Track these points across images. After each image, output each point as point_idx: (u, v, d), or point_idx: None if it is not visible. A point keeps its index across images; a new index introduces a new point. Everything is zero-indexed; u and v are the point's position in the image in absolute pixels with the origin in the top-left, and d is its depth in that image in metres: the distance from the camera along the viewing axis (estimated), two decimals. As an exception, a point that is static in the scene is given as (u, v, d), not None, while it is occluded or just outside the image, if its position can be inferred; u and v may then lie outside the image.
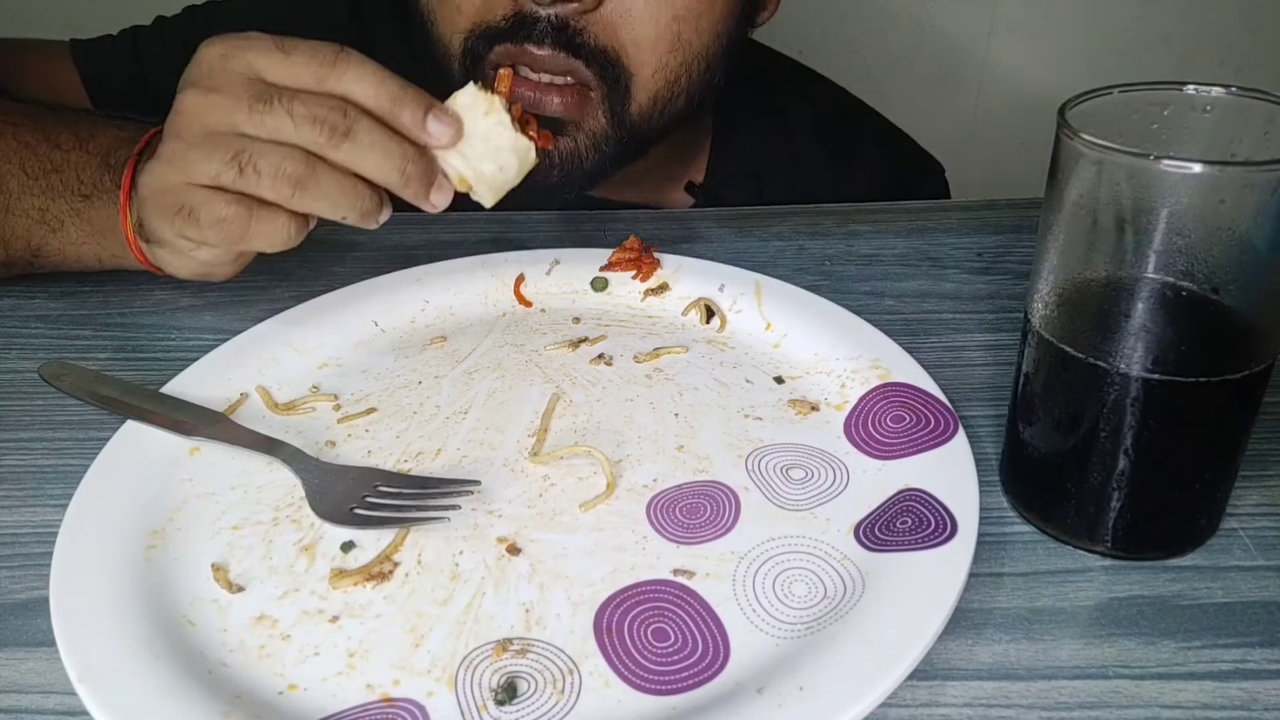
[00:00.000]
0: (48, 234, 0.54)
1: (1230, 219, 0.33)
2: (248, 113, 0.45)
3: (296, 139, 0.45)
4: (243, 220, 0.46)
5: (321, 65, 0.45)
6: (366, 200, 0.47)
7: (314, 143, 0.45)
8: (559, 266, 0.59)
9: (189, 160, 0.45)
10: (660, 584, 0.38)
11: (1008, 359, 0.52)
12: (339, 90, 0.45)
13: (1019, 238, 0.66)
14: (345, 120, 0.45)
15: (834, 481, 0.43)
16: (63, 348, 0.55)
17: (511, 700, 0.34)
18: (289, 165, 0.45)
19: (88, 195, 0.53)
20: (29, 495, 0.44)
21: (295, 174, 0.45)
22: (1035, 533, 0.42)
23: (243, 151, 0.44)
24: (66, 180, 0.53)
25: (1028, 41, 1.41)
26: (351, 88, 0.45)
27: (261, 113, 0.44)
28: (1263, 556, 0.40)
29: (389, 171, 0.46)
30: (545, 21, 0.57)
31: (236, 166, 0.44)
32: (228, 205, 0.45)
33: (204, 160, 0.45)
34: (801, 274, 0.61)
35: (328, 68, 0.45)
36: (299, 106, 0.44)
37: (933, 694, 0.35)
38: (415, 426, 0.47)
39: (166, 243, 0.48)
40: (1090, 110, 0.37)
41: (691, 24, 0.60)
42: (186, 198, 0.45)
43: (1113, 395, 0.37)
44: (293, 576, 0.39)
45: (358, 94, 0.45)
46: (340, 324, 0.54)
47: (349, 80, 0.45)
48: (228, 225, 0.45)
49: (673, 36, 0.60)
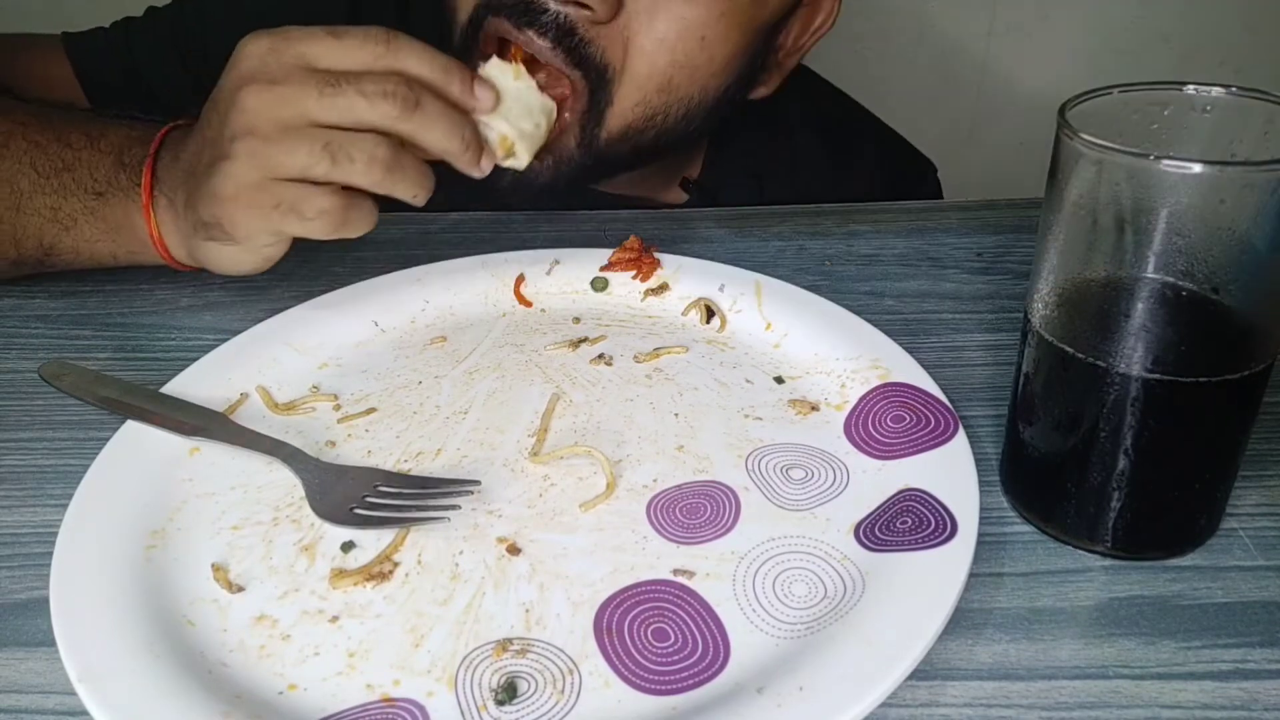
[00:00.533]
0: (60, 232, 0.54)
1: (1230, 219, 0.33)
2: (318, 99, 0.45)
3: (372, 116, 0.45)
4: (342, 209, 0.47)
5: (377, 44, 0.46)
6: (430, 178, 0.49)
7: (389, 116, 0.45)
8: (559, 266, 0.59)
9: (271, 155, 0.45)
10: (660, 584, 0.38)
11: (1008, 359, 0.52)
12: (397, 67, 0.46)
13: (1019, 238, 0.66)
14: (412, 93, 0.46)
15: (834, 481, 0.43)
16: (63, 348, 0.55)
17: (511, 700, 0.34)
18: (380, 150, 0.46)
19: (101, 193, 0.53)
20: (29, 495, 0.44)
21: (386, 159, 0.46)
22: (1035, 533, 0.42)
23: (331, 142, 0.45)
24: (79, 178, 0.53)
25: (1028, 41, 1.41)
26: (407, 62, 0.46)
27: (332, 96, 0.45)
28: (1263, 556, 0.40)
29: (453, 139, 0.47)
30: (552, 16, 0.57)
31: (329, 157, 0.45)
32: (329, 197, 0.46)
33: (289, 154, 0.45)
34: (801, 274, 0.61)
35: (383, 45, 0.46)
36: (368, 85, 0.45)
37: (933, 694, 0.35)
38: (415, 426, 0.47)
39: (250, 240, 0.48)
40: (1090, 110, 0.37)
41: (687, 73, 0.61)
42: (281, 194, 0.46)
43: (1113, 395, 0.37)
44: (293, 576, 0.39)
45: (413, 68, 0.46)
46: (340, 324, 0.54)
47: (404, 56, 0.46)
48: (330, 216, 0.46)
49: (665, 80, 0.61)
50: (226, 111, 0.46)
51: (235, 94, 0.46)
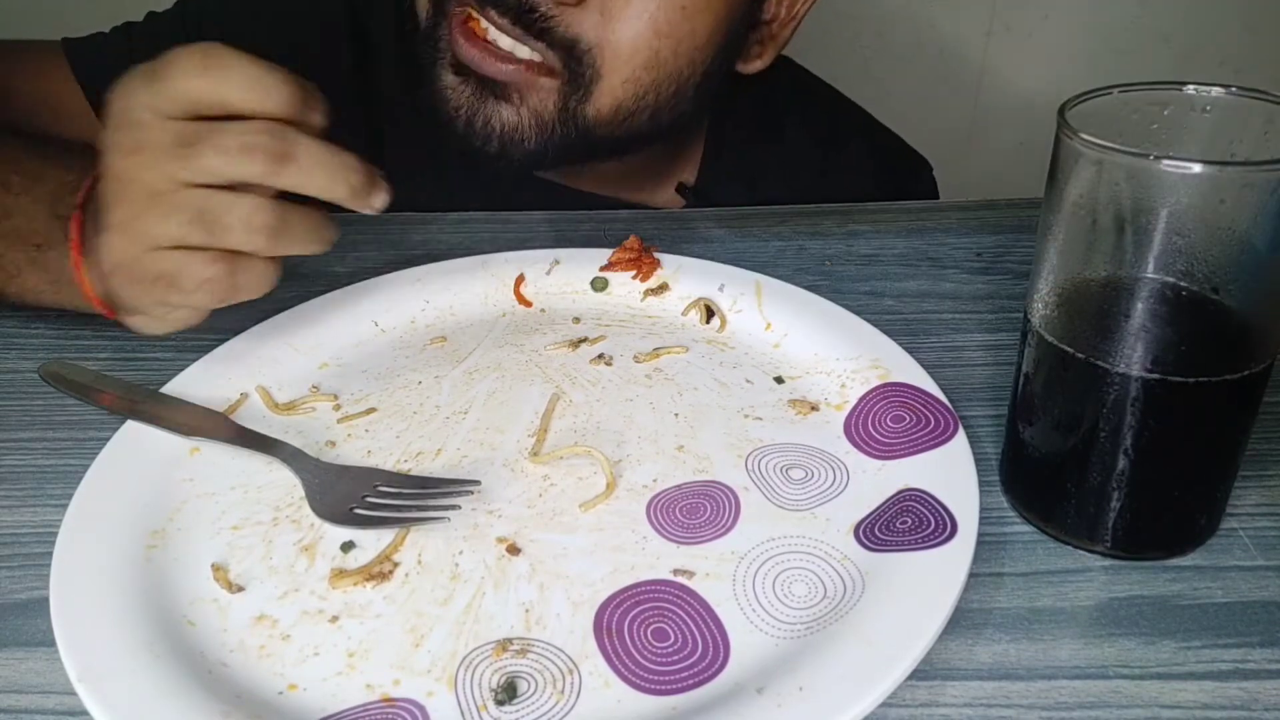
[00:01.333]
0: (6, 280, 0.51)
1: (1230, 219, 0.33)
2: (178, 161, 0.41)
3: (236, 174, 0.42)
4: (227, 276, 0.43)
5: (191, 74, 0.41)
6: (327, 227, 0.46)
7: (255, 174, 0.42)
8: (559, 266, 0.59)
9: (144, 227, 0.42)
10: (660, 584, 0.38)
11: (1008, 359, 0.52)
12: (220, 100, 0.42)
13: (1019, 238, 0.66)
14: (278, 141, 0.42)
15: (834, 481, 0.43)
16: (63, 348, 0.55)
17: (511, 700, 0.34)
18: (259, 216, 0.42)
19: (40, 245, 0.50)
20: (29, 495, 0.44)
21: (266, 223, 0.42)
22: (1035, 533, 0.42)
23: (206, 209, 0.42)
24: (18, 227, 0.50)
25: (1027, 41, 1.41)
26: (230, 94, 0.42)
27: (190, 158, 0.41)
28: (1263, 556, 0.40)
29: (338, 185, 0.44)
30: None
31: (203, 227, 0.42)
32: (208, 265, 0.43)
33: (160, 224, 0.42)
34: (801, 274, 0.62)
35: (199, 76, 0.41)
36: (227, 138, 0.41)
37: (933, 694, 0.35)
38: (415, 426, 0.47)
39: (144, 311, 0.46)
40: (1090, 110, 0.37)
41: (672, 44, 0.60)
42: (159, 264, 0.43)
43: (1113, 395, 0.37)
44: (293, 576, 0.39)
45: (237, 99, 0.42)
46: (340, 324, 0.54)
47: (226, 87, 0.42)
48: (213, 285, 0.43)
49: (651, 53, 0.60)
50: (103, 176, 0.44)
51: (106, 158, 0.43)
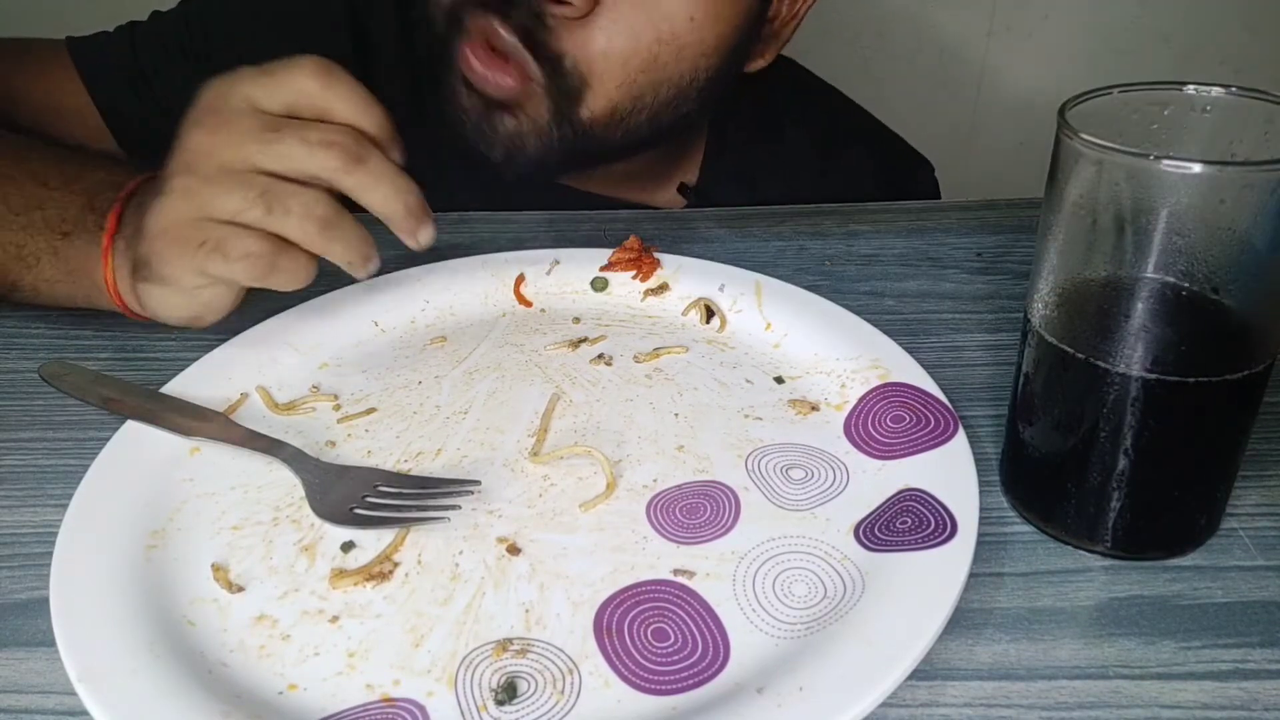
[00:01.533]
0: (23, 270, 0.53)
1: (1230, 219, 0.33)
2: (259, 143, 0.44)
3: (311, 165, 0.45)
4: (270, 256, 0.45)
5: (309, 79, 0.45)
6: (371, 248, 0.48)
7: (328, 167, 0.45)
8: (559, 266, 0.59)
9: (207, 196, 0.45)
10: (660, 584, 0.38)
11: (1008, 359, 0.52)
12: (326, 108, 0.45)
13: (1019, 238, 0.66)
14: (358, 147, 0.45)
15: (834, 481, 0.43)
16: (63, 348, 0.55)
17: (511, 700, 0.34)
18: (319, 207, 0.45)
19: (67, 233, 0.52)
20: (29, 495, 0.44)
21: (324, 216, 0.45)
22: (1035, 533, 0.42)
23: (269, 190, 0.44)
24: (48, 218, 0.52)
25: (1027, 41, 1.41)
26: (337, 106, 0.46)
27: (273, 142, 0.44)
28: (1263, 556, 0.40)
29: (394, 203, 0.47)
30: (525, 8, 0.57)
31: (264, 204, 0.44)
32: (257, 241, 0.45)
33: (224, 196, 0.44)
34: (801, 274, 0.62)
35: (316, 82, 0.45)
36: (312, 133, 0.45)
37: (933, 694, 0.35)
38: (415, 426, 0.47)
39: (176, 280, 0.47)
40: (1090, 110, 0.37)
41: (674, 50, 0.60)
42: (209, 232, 0.45)
43: (1113, 395, 0.37)
44: (293, 576, 0.39)
45: (342, 112, 0.46)
46: (340, 324, 0.54)
47: (335, 98, 0.45)
48: (255, 261, 0.45)
49: (650, 58, 0.59)
50: (174, 152, 0.46)
51: (184, 135, 0.46)
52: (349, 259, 0.47)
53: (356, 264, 0.47)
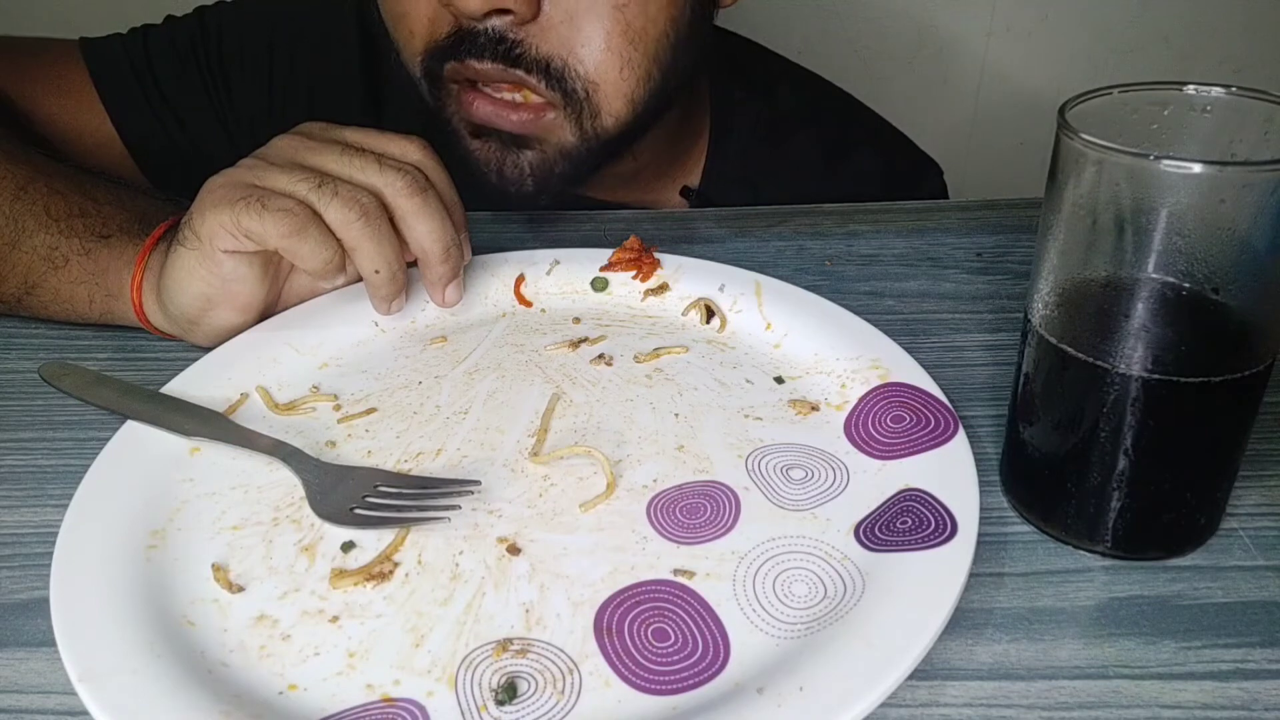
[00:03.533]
0: (49, 271, 0.53)
1: (1230, 219, 0.33)
2: (339, 154, 0.49)
3: (378, 179, 0.49)
4: (304, 219, 0.47)
5: (415, 149, 0.52)
6: (401, 267, 0.51)
7: (395, 185, 0.49)
8: (559, 266, 0.59)
9: (270, 170, 0.49)
10: (660, 584, 0.38)
11: (1008, 359, 0.52)
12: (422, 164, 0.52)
13: (1019, 238, 0.66)
14: (427, 182, 0.50)
15: (834, 481, 0.43)
16: (63, 348, 0.56)
17: (511, 700, 0.34)
18: (364, 197, 0.48)
19: (108, 236, 0.54)
20: (29, 495, 0.44)
21: (368, 207, 0.48)
22: (1035, 533, 0.42)
23: (325, 178, 0.48)
24: (90, 224, 0.54)
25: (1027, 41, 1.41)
26: (434, 175, 0.52)
27: (351, 155, 0.49)
28: (1263, 556, 0.40)
29: (438, 239, 0.51)
30: (484, 35, 0.56)
31: (314, 183, 0.48)
32: (296, 203, 0.48)
33: (284, 175, 0.48)
34: (801, 274, 0.62)
35: (420, 153, 0.52)
36: (389, 158, 0.50)
37: (933, 694, 0.35)
38: (415, 426, 0.47)
39: (208, 237, 0.48)
40: (1090, 110, 0.37)
41: (638, 9, 0.57)
42: (256, 191, 0.48)
43: (1113, 395, 0.37)
44: (293, 576, 0.39)
45: (437, 179, 0.52)
46: (340, 324, 0.54)
47: (431, 169, 0.52)
48: (288, 217, 0.47)
49: (623, 26, 0.57)
50: (256, 152, 0.51)
51: (269, 143, 0.51)
52: (376, 265, 0.49)
53: (384, 272, 0.50)
